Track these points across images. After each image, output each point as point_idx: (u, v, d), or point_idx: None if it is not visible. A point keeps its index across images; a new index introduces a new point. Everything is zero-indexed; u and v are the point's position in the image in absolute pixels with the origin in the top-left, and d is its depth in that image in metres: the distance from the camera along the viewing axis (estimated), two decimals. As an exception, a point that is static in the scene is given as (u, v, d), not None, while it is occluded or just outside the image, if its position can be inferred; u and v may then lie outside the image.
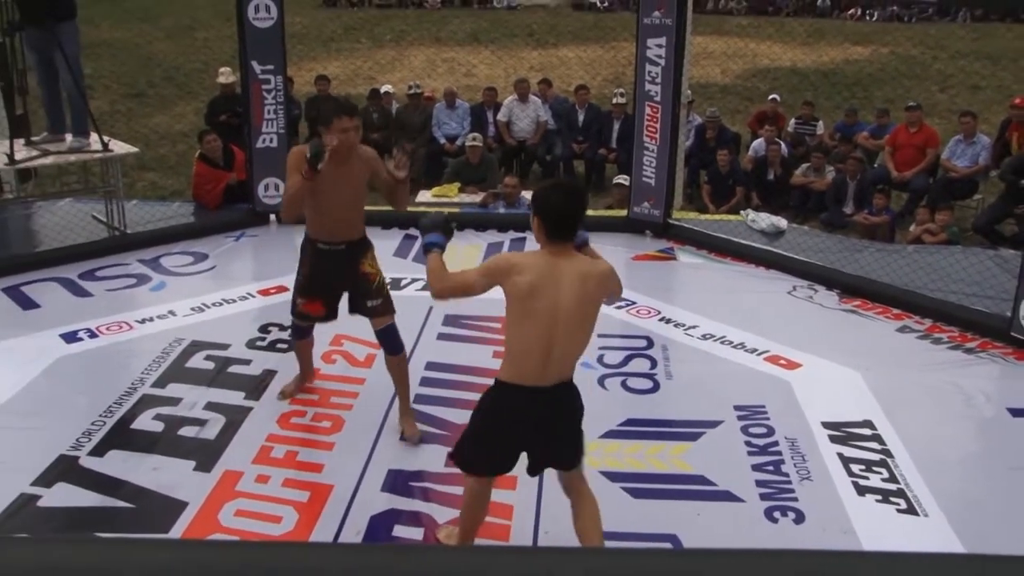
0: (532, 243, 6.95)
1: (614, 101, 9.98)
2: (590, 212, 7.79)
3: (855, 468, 4.18)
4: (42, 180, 8.09)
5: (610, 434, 4.41)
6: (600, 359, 5.14)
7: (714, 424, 4.52)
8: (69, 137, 6.71)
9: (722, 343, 5.40)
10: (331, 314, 4.43)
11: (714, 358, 5.25)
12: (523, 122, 10.06)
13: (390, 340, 4.33)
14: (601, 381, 4.95)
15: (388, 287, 4.39)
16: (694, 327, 5.59)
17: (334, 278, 4.30)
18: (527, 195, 8.40)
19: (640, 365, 5.14)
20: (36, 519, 3.74)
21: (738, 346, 5.35)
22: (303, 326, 4.52)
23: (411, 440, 4.31)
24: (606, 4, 25.94)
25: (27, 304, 5.78)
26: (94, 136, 6.64)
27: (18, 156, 6.39)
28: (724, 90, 14.33)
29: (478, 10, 26.02)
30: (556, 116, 10.21)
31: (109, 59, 15.72)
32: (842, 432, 4.47)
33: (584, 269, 3.13)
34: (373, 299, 4.28)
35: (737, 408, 4.65)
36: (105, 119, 7.43)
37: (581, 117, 10.11)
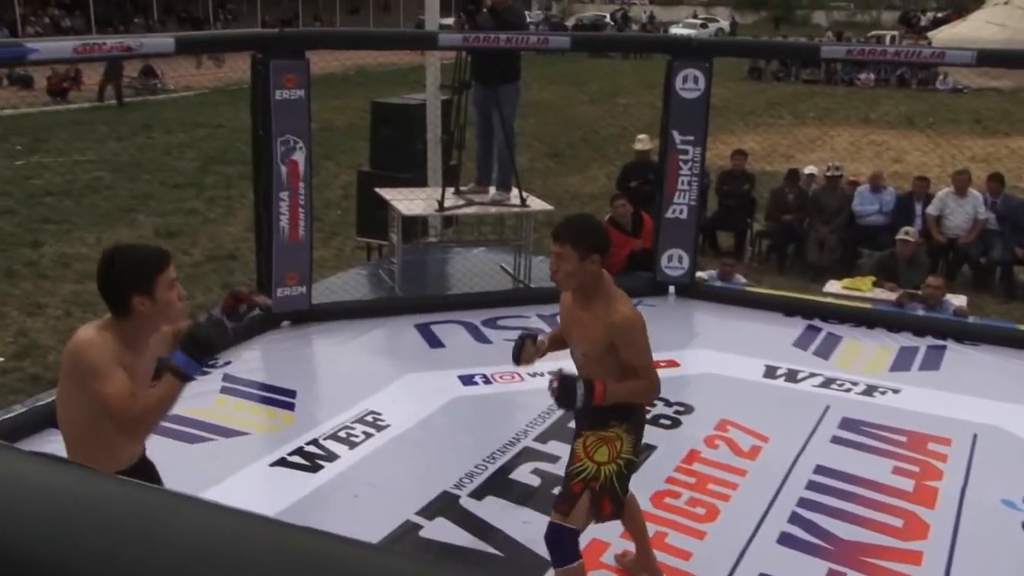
0: (953, 351, 6.46)
1: (1075, 203, 9.04)
2: (1001, 323, 7.16)
3: None
4: (460, 227, 9.00)
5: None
6: (1025, 499, 4.64)
7: None
8: (492, 190, 7.42)
9: None
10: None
11: None
12: (958, 218, 9.40)
13: (550, 546, 3.55)
14: (1024, 525, 4.46)
15: (590, 484, 3.47)
16: None
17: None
18: (952, 299, 7.83)
19: (1079, 514, 4.56)
20: (416, 548, 4.10)
21: None
22: None
23: None
24: (1077, 91, 23.63)
25: (434, 342, 6.43)
26: (515, 191, 7.29)
27: (446, 204, 7.18)
28: None
29: (917, 91, 24.97)
30: (999, 215, 9.43)
31: (535, 118, 17.15)
32: None
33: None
34: (561, 485, 3.66)
35: None
36: (524, 175, 8.08)
37: (1030, 218, 9.26)
